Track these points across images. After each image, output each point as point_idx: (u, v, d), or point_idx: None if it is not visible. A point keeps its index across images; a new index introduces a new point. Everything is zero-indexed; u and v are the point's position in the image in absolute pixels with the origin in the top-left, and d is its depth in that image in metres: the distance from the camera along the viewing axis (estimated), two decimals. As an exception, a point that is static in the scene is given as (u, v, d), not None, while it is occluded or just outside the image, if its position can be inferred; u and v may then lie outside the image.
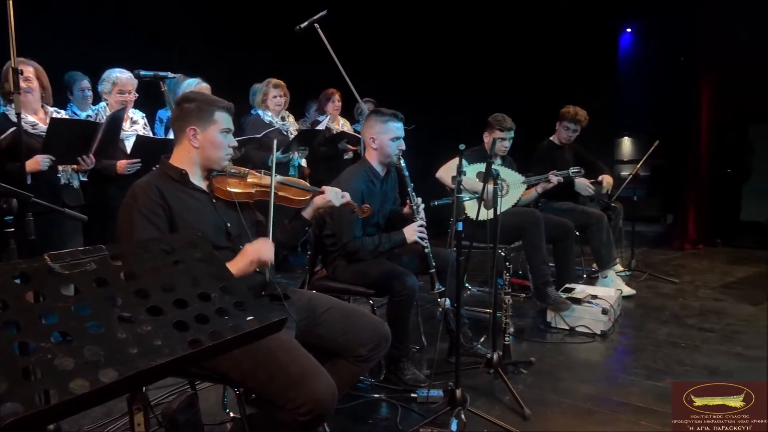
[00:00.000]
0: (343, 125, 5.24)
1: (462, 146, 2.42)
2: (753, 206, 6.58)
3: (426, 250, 2.80)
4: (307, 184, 2.32)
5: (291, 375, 1.63)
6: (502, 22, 6.46)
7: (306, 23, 3.36)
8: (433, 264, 2.77)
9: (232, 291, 1.12)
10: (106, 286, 1.01)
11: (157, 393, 2.60)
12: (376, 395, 2.69)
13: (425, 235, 2.81)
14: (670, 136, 5.89)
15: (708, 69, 6.08)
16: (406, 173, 2.87)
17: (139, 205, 1.83)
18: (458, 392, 2.37)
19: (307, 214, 2.21)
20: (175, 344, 0.96)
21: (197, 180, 2.00)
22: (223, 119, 1.99)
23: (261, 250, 1.86)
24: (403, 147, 2.89)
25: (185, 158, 1.98)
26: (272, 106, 4.40)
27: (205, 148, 1.96)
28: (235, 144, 2.07)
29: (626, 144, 7.52)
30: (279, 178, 2.15)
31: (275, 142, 2.29)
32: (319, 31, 3.35)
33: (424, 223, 2.82)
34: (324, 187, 2.25)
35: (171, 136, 3.45)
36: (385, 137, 2.85)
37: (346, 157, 5.24)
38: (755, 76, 5.85)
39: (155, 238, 1.64)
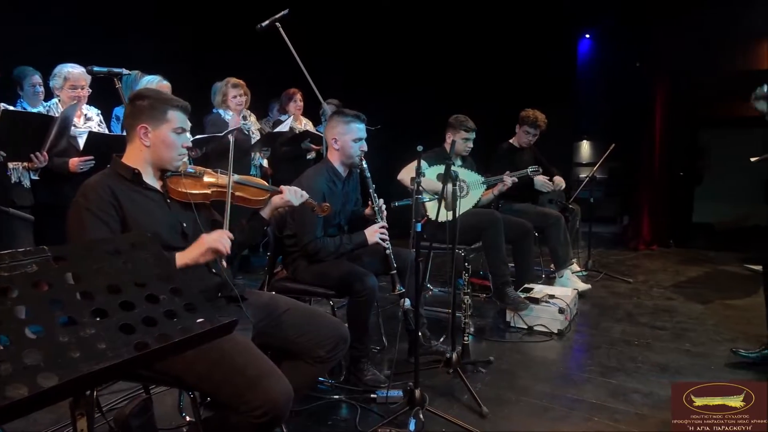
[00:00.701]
0: (306, 125, 5.21)
1: (420, 148, 2.44)
2: (704, 209, 6.85)
3: (387, 251, 2.81)
4: (266, 183, 2.29)
5: (246, 377, 1.62)
6: (463, 26, 6.54)
7: (267, 22, 3.33)
8: (395, 265, 2.78)
9: (183, 293, 1.10)
10: (48, 288, 0.98)
11: (111, 398, 2.54)
12: (336, 396, 2.69)
13: (386, 236, 2.82)
14: (627, 140, 6.08)
15: (662, 75, 6.29)
16: (368, 174, 2.88)
17: (90, 204, 1.78)
18: (417, 392, 2.38)
19: (265, 213, 2.19)
20: (120, 347, 0.94)
21: (150, 179, 1.96)
22: (177, 118, 1.94)
23: (217, 240, 1.82)
24: (366, 148, 2.90)
25: (137, 157, 1.93)
26: (233, 106, 4.33)
27: (156, 147, 1.91)
28: (190, 144, 2.03)
29: (585, 147, 7.70)
30: (236, 177, 2.12)
31: (232, 141, 2.25)
32: (281, 30, 3.32)
33: (386, 224, 2.83)
34: (282, 187, 2.23)
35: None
36: (347, 138, 2.85)
37: (309, 157, 5.21)
38: (705, 83, 6.10)
39: (102, 238, 1.59)
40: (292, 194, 2.21)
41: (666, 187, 6.41)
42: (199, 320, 1.06)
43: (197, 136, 3.82)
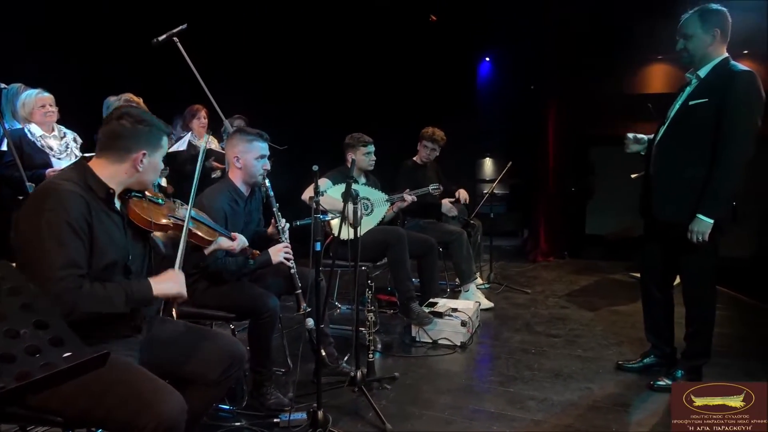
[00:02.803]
0: (210, 143, 5.07)
1: (315, 167, 2.46)
2: (595, 221, 7.35)
3: (292, 271, 2.79)
4: (213, 222, 2.28)
5: (134, 402, 1.53)
6: (368, 46, 6.66)
7: (164, 36, 3.23)
8: (299, 284, 2.76)
9: (48, 325, 1.03)
10: None
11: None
12: (237, 423, 2.60)
13: (291, 255, 2.80)
14: (524, 158, 6.44)
15: (554, 98, 6.74)
16: (271, 193, 2.86)
17: (70, 216, 1.62)
18: (320, 413, 2.37)
19: (207, 250, 2.21)
20: (-30, 389, 0.86)
21: (117, 201, 1.85)
22: (166, 144, 1.91)
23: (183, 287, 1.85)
24: (268, 167, 2.87)
25: (118, 177, 1.81)
26: None
27: (147, 172, 1.86)
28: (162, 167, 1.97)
29: (487, 164, 8.06)
30: (193, 213, 2.03)
31: (198, 169, 2.16)
32: (179, 45, 3.23)
33: (289, 243, 2.82)
34: (235, 234, 2.36)
35: (5, 147, 3.12)
36: (249, 156, 2.81)
37: (213, 176, 5.06)
38: (593, 105, 6.61)
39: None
40: (243, 242, 2.38)
41: (560, 202, 6.84)
42: (65, 354, 0.99)
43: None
